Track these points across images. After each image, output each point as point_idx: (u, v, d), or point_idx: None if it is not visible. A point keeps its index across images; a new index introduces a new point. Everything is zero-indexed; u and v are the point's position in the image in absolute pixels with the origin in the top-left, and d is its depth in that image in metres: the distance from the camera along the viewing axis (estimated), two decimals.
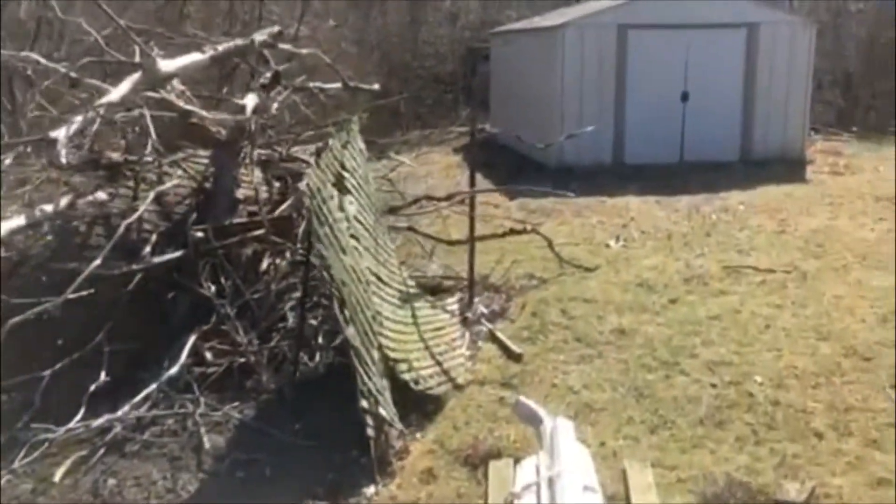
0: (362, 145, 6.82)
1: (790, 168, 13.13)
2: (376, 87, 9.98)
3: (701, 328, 6.60)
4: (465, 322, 6.78)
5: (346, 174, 5.98)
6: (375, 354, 5.27)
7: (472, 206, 7.39)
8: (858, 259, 8.36)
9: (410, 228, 8.65)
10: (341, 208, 5.71)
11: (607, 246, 9.13)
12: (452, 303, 7.07)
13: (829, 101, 18.74)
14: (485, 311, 6.98)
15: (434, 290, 7.59)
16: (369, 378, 4.97)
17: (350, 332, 4.96)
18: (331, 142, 5.99)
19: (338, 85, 8.88)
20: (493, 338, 6.53)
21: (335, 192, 5.69)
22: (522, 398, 4.65)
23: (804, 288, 7.51)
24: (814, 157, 14.00)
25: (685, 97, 13.61)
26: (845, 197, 11.19)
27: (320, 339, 6.25)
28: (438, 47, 20.71)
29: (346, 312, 4.99)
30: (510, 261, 8.35)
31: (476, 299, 7.32)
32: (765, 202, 11.00)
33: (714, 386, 5.73)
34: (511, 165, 13.36)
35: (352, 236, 5.72)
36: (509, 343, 6.39)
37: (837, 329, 6.55)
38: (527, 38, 15.35)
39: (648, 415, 5.38)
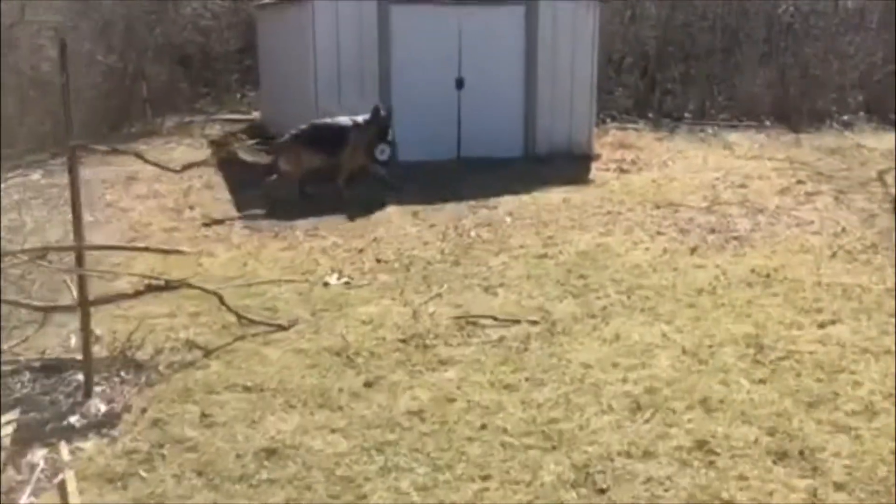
0: None
1: (575, 165, 11.45)
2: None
3: (391, 436, 4.53)
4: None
5: None
6: None
7: (79, 259, 5.00)
8: (623, 295, 6.61)
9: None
10: None
11: (325, 284, 7.00)
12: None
13: (627, 84, 17.46)
14: (82, 420, 4.66)
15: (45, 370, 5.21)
16: None
17: None
18: None
19: None
20: (61, 493, 4.14)
21: None
22: None
23: (547, 350, 5.62)
24: (602, 151, 12.46)
25: (460, 84, 11.64)
26: (625, 203, 9.54)
27: None
28: (220, 20, 17.84)
29: None
30: (181, 314, 6.10)
31: (98, 389, 5.01)
32: (536, 211, 9.17)
33: None
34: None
35: None
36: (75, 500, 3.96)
37: (570, 431, 4.58)
38: (283, 11, 12.89)
39: None
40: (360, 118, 9.92)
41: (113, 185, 10.57)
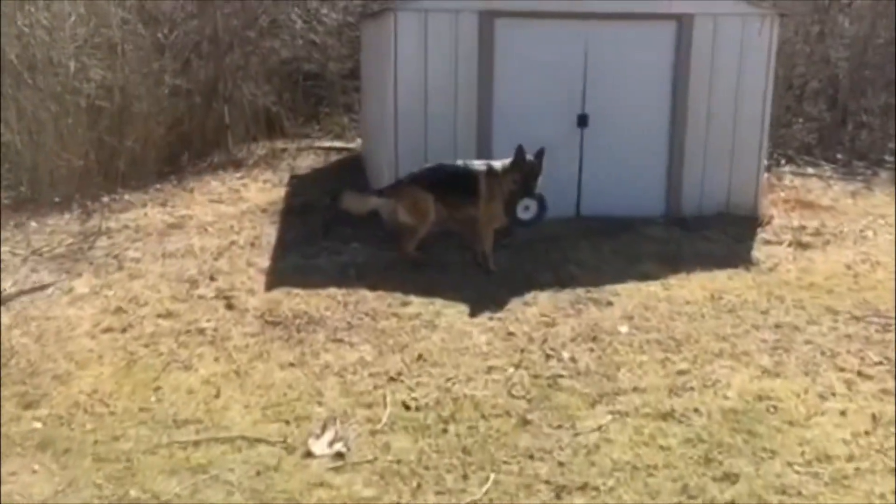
0: None
1: (733, 233, 8.22)
2: None
3: None
4: None
5: None
6: None
7: None
8: None
9: None
10: None
11: (308, 454, 4.40)
12: None
13: (810, 116, 13.79)
14: None
15: None
16: None
17: None
18: None
19: None
20: None
21: None
22: None
23: None
24: (773, 210, 9.14)
25: (583, 121, 8.71)
26: (805, 306, 6.33)
27: None
28: (332, 35, 15.59)
29: None
30: None
31: None
32: (667, 315, 6.10)
33: None
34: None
35: None
36: None
37: None
38: (378, 22, 10.40)
39: None
40: (496, 163, 7.36)
41: (148, 235, 8.47)
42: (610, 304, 6.43)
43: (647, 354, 5.53)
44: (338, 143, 13.42)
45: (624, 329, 5.96)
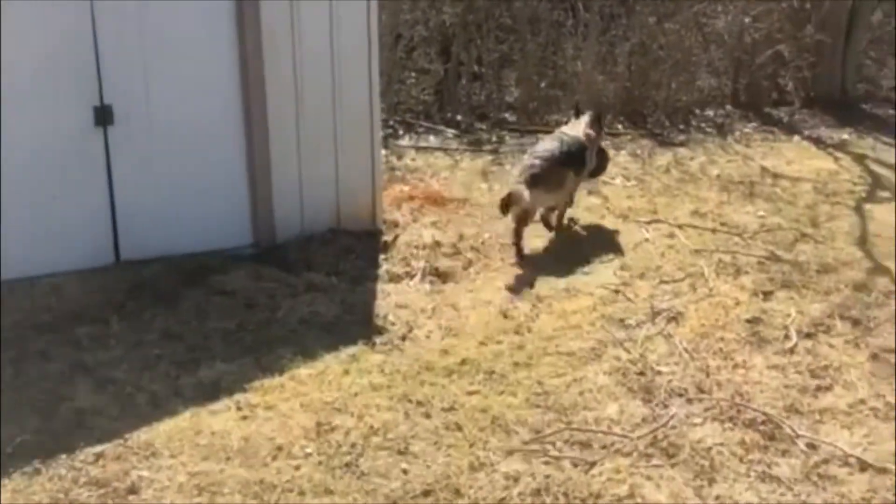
0: None
1: (350, 266, 5.59)
2: None
3: None
4: None
5: None
6: None
7: None
8: None
9: None
10: None
11: None
12: None
13: (425, 69, 11.72)
14: None
15: None
16: None
17: None
18: None
19: None
20: None
21: None
22: None
23: None
24: (398, 215, 6.69)
25: (104, 117, 5.42)
26: (466, 429, 3.92)
27: None
28: None
29: None
30: None
31: None
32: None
33: None
34: None
35: None
36: None
37: None
38: None
39: None
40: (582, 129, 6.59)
41: None
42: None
43: None
44: None
45: None
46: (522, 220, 5.90)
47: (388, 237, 6.09)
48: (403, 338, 4.68)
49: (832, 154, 8.77)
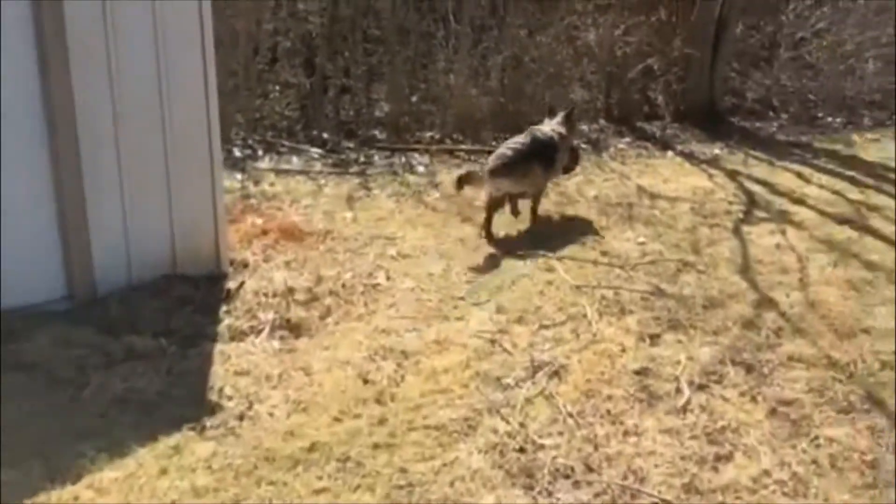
0: None
1: (185, 322, 4.74)
2: None
3: None
4: None
5: None
6: None
7: None
8: None
9: None
10: None
11: None
12: None
13: (289, 82, 10.81)
14: None
15: None
16: None
17: None
18: None
19: None
20: None
21: None
22: None
23: None
24: (247, 254, 5.84)
25: None
26: None
27: None
28: None
29: None
30: None
31: None
32: None
33: None
34: None
35: None
36: None
37: None
38: None
39: None
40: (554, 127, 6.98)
41: None
42: None
43: None
44: None
45: None
46: (492, 206, 6.40)
47: (233, 283, 5.24)
48: (241, 417, 3.87)
49: (706, 171, 8.56)
